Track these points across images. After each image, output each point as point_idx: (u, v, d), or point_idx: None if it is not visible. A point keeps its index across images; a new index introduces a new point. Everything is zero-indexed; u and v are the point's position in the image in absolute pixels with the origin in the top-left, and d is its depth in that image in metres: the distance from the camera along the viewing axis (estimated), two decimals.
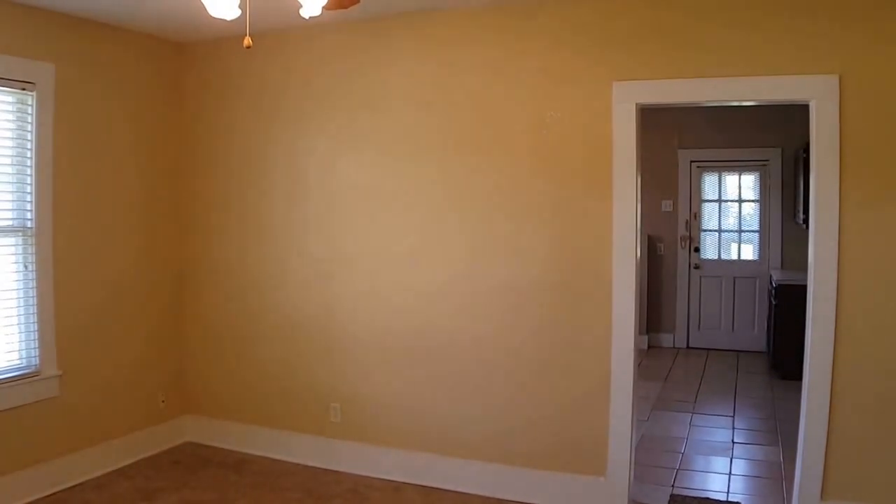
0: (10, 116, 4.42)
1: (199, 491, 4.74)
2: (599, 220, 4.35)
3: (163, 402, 5.49)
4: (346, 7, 3.34)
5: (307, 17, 3.05)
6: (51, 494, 4.60)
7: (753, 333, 9.01)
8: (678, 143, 9.13)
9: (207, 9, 2.78)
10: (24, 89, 4.43)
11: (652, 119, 8.29)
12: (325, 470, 5.09)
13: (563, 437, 4.51)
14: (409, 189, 4.84)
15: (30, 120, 4.48)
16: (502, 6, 4.49)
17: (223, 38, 5.23)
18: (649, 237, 9.18)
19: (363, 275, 5.00)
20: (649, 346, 9.25)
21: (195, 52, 5.50)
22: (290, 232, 5.22)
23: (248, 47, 2.96)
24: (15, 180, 4.47)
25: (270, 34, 5.11)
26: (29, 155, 4.50)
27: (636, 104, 4.24)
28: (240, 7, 2.81)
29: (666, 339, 9.36)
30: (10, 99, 4.40)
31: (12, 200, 4.47)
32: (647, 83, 4.22)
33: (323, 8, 3.16)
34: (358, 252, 5.01)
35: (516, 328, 4.59)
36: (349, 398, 5.09)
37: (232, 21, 3.16)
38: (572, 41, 4.38)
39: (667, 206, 9.25)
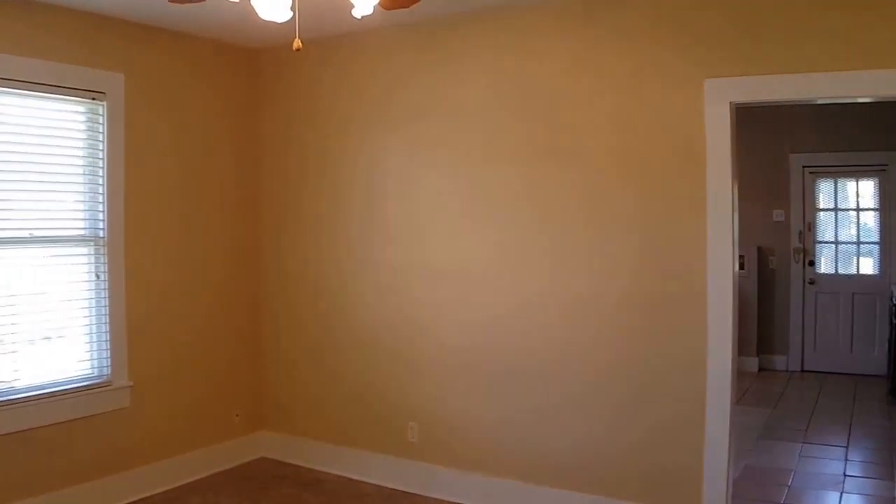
0: (82, 126, 4.47)
1: None
2: (692, 230, 4.00)
3: (237, 416, 5.42)
4: (406, 6, 3.15)
5: (359, 16, 2.92)
6: None
7: (873, 356, 8.22)
8: (789, 148, 8.51)
9: (257, 12, 2.70)
10: (94, 99, 4.47)
11: (759, 121, 7.82)
12: (402, 492, 4.89)
13: (653, 467, 4.15)
14: (487, 197, 4.61)
15: (100, 129, 4.52)
16: (582, 1, 4.23)
17: (301, 42, 5.12)
18: (759, 249, 8.62)
19: (441, 287, 4.79)
20: (761, 369, 8.64)
21: (267, 58, 5.45)
22: (367, 242, 5.07)
23: (298, 50, 2.88)
24: (87, 190, 4.51)
25: (342, 38, 5.01)
26: (100, 164, 4.53)
27: (731, 103, 3.88)
28: (291, 9, 2.71)
29: (779, 362, 8.71)
30: (80, 109, 4.45)
31: (84, 210, 4.51)
32: (744, 80, 3.84)
33: (380, 6, 3.00)
34: (435, 263, 4.81)
35: (601, 346, 4.28)
36: (427, 417, 4.88)
37: (304, 26, 3.05)
38: (659, 36, 4.06)
39: (778, 215, 8.63)
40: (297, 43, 2.86)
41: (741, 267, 8.12)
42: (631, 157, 4.16)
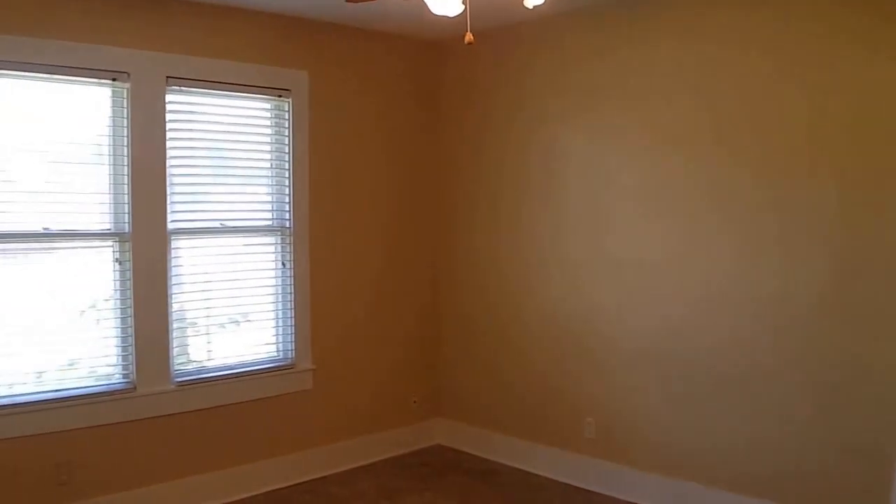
0: (268, 122, 4.70)
1: (442, 496, 4.69)
2: None
3: (414, 402, 5.53)
4: None
5: (531, 6, 2.87)
6: (297, 484, 4.81)
7: None
8: None
9: (429, 7, 2.73)
10: (280, 96, 4.68)
11: None
12: (577, 488, 4.80)
13: (841, 482, 3.79)
14: (671, 187, 4.40)
15: (286, 125, 4.72)
16: None
17: (474, 34, 5.12)
18: None
19: (624, 281, 4.63)
20: None
21: (444, 50, 5.49)
22: (548, 233, 5.00)
23: (470, 44, 2.90)
24: (274, 182, 4.74)
25: (517, 28, 4.96)
26: (286, 159, 4.74)
27: None
28: (463, 3, 2.72)
29: None
30: (267, 106, 4.68)
31: (272, 202, 4.74)
32: None
33: None
34: (614, 256, 4.66)
35: (789, 350, 3.96)
36: (605, 413, 4.75)
37: (476, 19, 3.04)
38: (857, 6, 3.66)
39: None
40: (468, 37, 2.87)
41: None
42: (828, 145, 3.79)
